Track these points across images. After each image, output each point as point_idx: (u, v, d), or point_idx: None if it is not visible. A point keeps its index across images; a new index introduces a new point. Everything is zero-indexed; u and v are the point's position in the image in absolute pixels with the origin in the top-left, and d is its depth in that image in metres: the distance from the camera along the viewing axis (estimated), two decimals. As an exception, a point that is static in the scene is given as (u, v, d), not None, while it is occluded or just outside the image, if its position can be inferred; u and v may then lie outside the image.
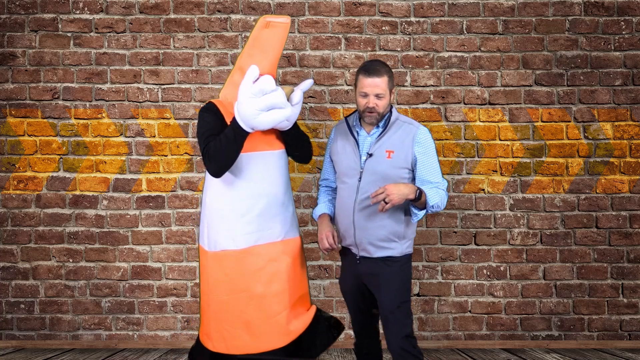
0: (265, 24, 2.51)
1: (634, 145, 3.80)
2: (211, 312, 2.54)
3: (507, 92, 3.81)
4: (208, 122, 2.48)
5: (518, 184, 3.80)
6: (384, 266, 2.39)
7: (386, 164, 2.38)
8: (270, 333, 2.46)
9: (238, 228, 2.48)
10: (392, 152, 2.38)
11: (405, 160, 2.39)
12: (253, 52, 2.51)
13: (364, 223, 2.38)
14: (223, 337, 2.51)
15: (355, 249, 2.44)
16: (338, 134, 2.56)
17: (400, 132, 2.41)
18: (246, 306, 2.47)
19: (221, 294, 2.50)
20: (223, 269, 2.50)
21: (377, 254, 2.39)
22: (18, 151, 3.79)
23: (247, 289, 2.48)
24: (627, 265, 3.77)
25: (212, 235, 2.54)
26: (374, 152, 2.40)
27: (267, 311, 2.47)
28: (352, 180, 2.42)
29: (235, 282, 2.49)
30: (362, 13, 3.82)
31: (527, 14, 3.82)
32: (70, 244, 3.78)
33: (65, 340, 3.76)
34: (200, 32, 3.81)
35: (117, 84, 3.81)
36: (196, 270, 3.77)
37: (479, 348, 3.71)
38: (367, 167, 2.40)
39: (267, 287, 2.47)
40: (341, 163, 2.50)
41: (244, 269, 2.48)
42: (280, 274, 2.50)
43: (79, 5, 3.82)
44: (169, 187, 3.79)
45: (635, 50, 3.81)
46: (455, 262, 3.78)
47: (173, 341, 3.75)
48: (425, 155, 2.40)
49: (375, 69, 2.37)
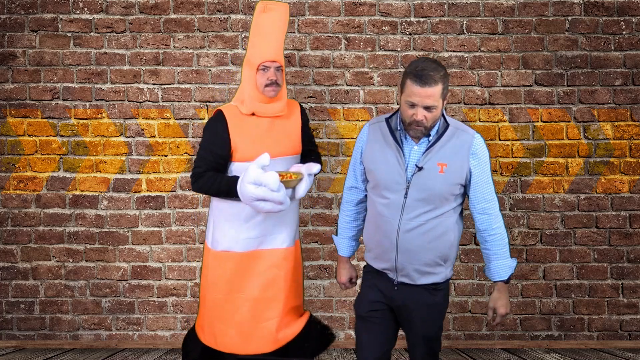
0: (263, 7, 2.54)
1: (634, 145, 3.80)
2: (206, 308, 2.58)
3: (507, 92, 3.81)
4: (210, 140, 2.49)
5: (518, 184, 3.80)
6: (427, 294, 2.11)
7: (439, 180, 2.04)
8: (258, 337, 2.49)
9: (242, 231, 2.49)
10: (445, 165, 2.04)
11: (460, 176, 2.08)
12: (255, 40, 2.52)
13: (409, 246, 2.06)
14: (214, 334, 2.54)
15: (394, 274, 2.13)
16: (374, 137, 2.18)
17: (454, 142, 2.08)
18: (240, 307, 2.50)
19: (218, 292, 2.53)
20: (223, 268, 2.52)
21: (420, 280, 2.10)
22: (18, 151, 3.79)
23: (243, 291, 2.50)
24: (627, 265, 3.77)
25: (216, 235, 2.56)
26: (424, 164, 2.05)
27: (259, 315, 2.50)
28: (396, 196, 2.07)
29: (233, 282, 2.51)
30: (362, 13, 3.82)
31: (527, 14, 3.82)
32: (70, 244, 3.78)
33: (65, 340, 3.76)
34: (200, 32, 3.81)
35: (117, 84, 3.81)
36: (196, 270, 3.77)
37: (479, 348, 3.71)
38: (415, 181, 2.05)
39: (264, 292, 2.50)
40: (381, 174, 2.12)
41: (244, 271, 2.50)
42: (278, 280, 2.52)
43: (79, 5, 3.82)
44: (169, 187, 3.79)
45: (635, 50, 3.81)
46: (455, 262, 3.77)
47: (173, 341, 3.75)
48: (481, 169, 2.11)
49: (428, 75, 1.96)
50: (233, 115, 2.50)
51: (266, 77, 2.46)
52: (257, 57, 2.49)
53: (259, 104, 2.50)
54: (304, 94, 3.81)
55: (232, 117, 2.49)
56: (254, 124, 2.50)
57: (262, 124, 2.51)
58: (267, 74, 2.46)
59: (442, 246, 2.11)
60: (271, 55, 2.47)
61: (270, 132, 2.52)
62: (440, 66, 2.04)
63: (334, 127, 3.80)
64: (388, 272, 2.16)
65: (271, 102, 2.52)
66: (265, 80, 2.47)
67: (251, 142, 2.48)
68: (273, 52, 2.48)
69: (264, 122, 2.52)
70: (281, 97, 2.56)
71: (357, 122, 3.80)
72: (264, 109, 2.52)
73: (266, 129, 2.51)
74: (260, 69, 2.47)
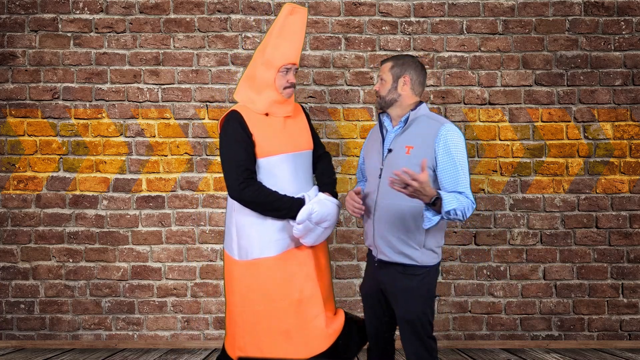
0: (290, 10, 2.53)
1: (634, 145, 3.80)
2: (247, 324, 2.45)
3: (507, 92, 3.81)
4: (235, 139, 2.42)
5: (518, 184, 3.80)
6: (403, 277, 2.25)
7: (405, 161, 2.20)
8: (311, 338, 2.40)
9: (270, 234, 2.43)
10: (411, 147, 2.22)
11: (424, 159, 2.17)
12: (279, 41, 2.50)
13: (382, 224, 2.27)
14: (260, 349, 2.42)
15: (375, 250, 2.35)
16: (372, 132, 2.49)
17: (423, 128, 2.25)
18: (284, 315, 2.40)
19: (256, 304, 2.42)
20: (257, 277, 2.43)
21: (394, 258, 2.25)
22: (18, 151, 3.79)
23: (283, 297, 2.41)
24: (627, 265, 3.77)
25: (242, 244, 2.47)
26: (393, 147, 2.28)
27: (305, 316, 2.41)
28: (374, 178, 2.33)
29: (270, 290, 2.42)
30: (362, 13, 3.82)
31: (527, 14, 3.82)
32: (70, 244, 3.78)
33: (65, 340, 3.76)
34: (200, 32, 3.81)
35: (117, 84, 3.81)
36: (196, 270, 3.77)
37: (479, 348, 3.71)
38: (386, 163, 2.28)
39: (302, 292, 2.43)
40: (368, 161, 2.43)
41: (278, 276, 2.42)
42: (310, 276, 2.46)
43: (79, 5, 3.82)
44: (169, 187, 3.79)
45: (635, 50, 3.81)
46: (455, 262, 3.78)
47: (173, 341, 3.75)
48: (446, 156, 2.18)
49: (388, 57, 2.43)
50: (248, 113, 2.49)
51: (286, 79, 2.50)
52: (280, 59, 2.48)
53: (275, 104, 2.51)
54: (304, 94, 3.81)
55: (248, 116, 2.48)
56: (270, 122, 2.51)
57: (276, 123, 2.52)
58: (287, 77, 2.50)
59: (413, 228, 2.22)
60: (294, 58, 2.51)
61: (285, 129, 2.53)
62: (408, 57, 2.40)
63: (334, 127, 3.80)
64: (372, 249, 2.39)
65: (284, 102, 2.54)
66: (285, 82, 2.50)
67: (270, 138, 2.47)
68: (296, 55, 2.52)
69: (278, 120, 2.53)
70: (292, 98, 2.60)
71: (357, 122, 3.80)
72: (278, 109, 2.53)
73: (281, 127, 2.53)
74: (282, 70, 2.49)
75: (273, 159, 2.44)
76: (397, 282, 2.27)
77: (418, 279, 2.25)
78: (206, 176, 3.78)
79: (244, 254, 2.46)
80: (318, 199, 2.43)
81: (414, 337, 2.26)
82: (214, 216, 3.77)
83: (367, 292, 2.45)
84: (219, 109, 3.79)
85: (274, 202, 2.39)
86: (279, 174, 2.45)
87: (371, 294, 2.41)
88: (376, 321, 2.44)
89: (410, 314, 2.25)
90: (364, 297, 2.48)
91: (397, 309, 2.30)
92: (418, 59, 2.39)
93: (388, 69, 2.36)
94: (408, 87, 2.33)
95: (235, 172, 2.40)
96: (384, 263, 2.31)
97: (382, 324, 2.43)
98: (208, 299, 3.76)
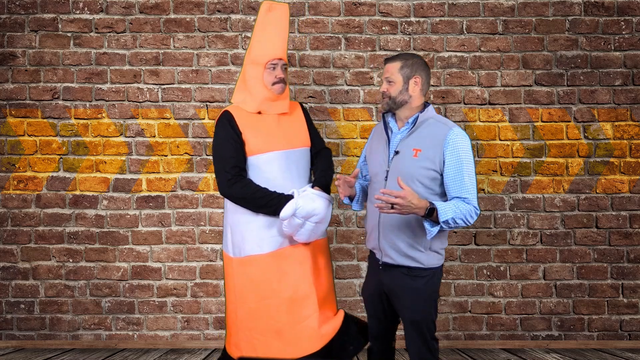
0: (268, 7, 2.56)
1: (634, 145, 3.80)
2: (240, 321, 2.46)
3: (507, 92, 3.81)
4: (225, 139, 2.45)
5: (518, 184, 3.80)
6: (408, 279, 2.23)
7: (412, 163, 2.18)
8: (302, 338, 2.40)
9: (263, 232, 2.44)
10: (419, 150, 2.19)
11: (432, 162, 2.18)
12: (262, 39, 2.53)
13: (388, 227, 2.24)
14: (254, 346, 2.44)
15: (379, 253, 2.31)
16: (375, 133, 2.45)
17: (431, 131, 2.22)
18: (276, 312, 2.41)
19: (249, 302, 2.44)
20: (249, 275, 2.44)
21: (400, 261, 2.23)
22: (18, 151, 3.79)
23: (274, 294, 2.42)
24: (627, 265, 3.77)
25: (236, 241, 2.48)
26: (400, 149, 2.24)
27: (297, 315, 2.41)
28: (380, 180, 2.28)
29: (263, 288, 2.43)
30: (362, 13, 3.82)
31: (527, 14, 3.82)
32: (70, 244, 3.78)
33: (65, 340, 3.76)
34: (200, 32, 3.81)
35: (117, 84, 3.81)
36: (196, 270, 3.77)
37: (479, 348, 3.70)
38: (393, 165, 2.24)
39: (295, 291, 2.42)
40: (371, 162, 2.38)
41: (270, 274, 2.43)
42: (306, 276, 2.46)
43: (79, 5, 3.82)
44: (169, 187, 3.79)
45: (635, 50, 3.81)
46: (455, 262, 3.78)
47: (173, 341, 3.75)
48: (454, 160, 2.16)
49: (392, 57, 2.32)
50: (239, 113, 2.51)
51: (274, 75, 2.52)
52: (264, 56, 2.52)
53: (267, 102, 2.52)
54: (304, 94, 3.81)
55: (238, 115, 2.50)
56: (262, 120, 2.52)
57: (269, 121, 2.53)
58: (275, 72, 2.52)
59: (419, 231, 2.20)
60: (279, 53, 2.52)
61: (279, 127, 2.54)
62: (415, 56, 2.32)
63: (334, 127, 3.80)
64: (376, 252, 2.35)
65: (277, 99, 2.54)
66: (273, 78, 2.52)
67: (260, 136, 2.48)
68: (280, 50, 2.53)
69: (271, 118, 2.54)
70: (286, 95, 2.60)
71: (357, 122, 3.80)
72: (271, 107, 2.54)
73: (275, 125, 2.53)
74: (268, 67, 2.51)
75: (263, 156, 2.45)
76: (403, 285, 2.25)
77: (424, 280, 2.24)
78: (206, 176, 3.78)
79: (237, 251, 2.48)
80: (304, 194, 2.42)
81: (419, 338, 2.26)
82: (214, 216, 3.77)
83: (369, 294, 2.43)
84: (219, 109, 3.79)
85: (263, 197, 2.39)
86: (270, 172, 2.46)
87: (374, 296, 2.39)
88: (378, 323, 2.43)
89: (417, 316, 2.24)
90: (366, 299, 2.46)
91: (403, 311, 2.28)
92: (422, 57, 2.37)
93: (397, 70, 2.28)
94: (418, 88, 2.30)
95: (224, 169, 2.42)
96: (388, 266, 2.28)
97: (383, 326, 2.43)
98: (208, 299, 3.76)
